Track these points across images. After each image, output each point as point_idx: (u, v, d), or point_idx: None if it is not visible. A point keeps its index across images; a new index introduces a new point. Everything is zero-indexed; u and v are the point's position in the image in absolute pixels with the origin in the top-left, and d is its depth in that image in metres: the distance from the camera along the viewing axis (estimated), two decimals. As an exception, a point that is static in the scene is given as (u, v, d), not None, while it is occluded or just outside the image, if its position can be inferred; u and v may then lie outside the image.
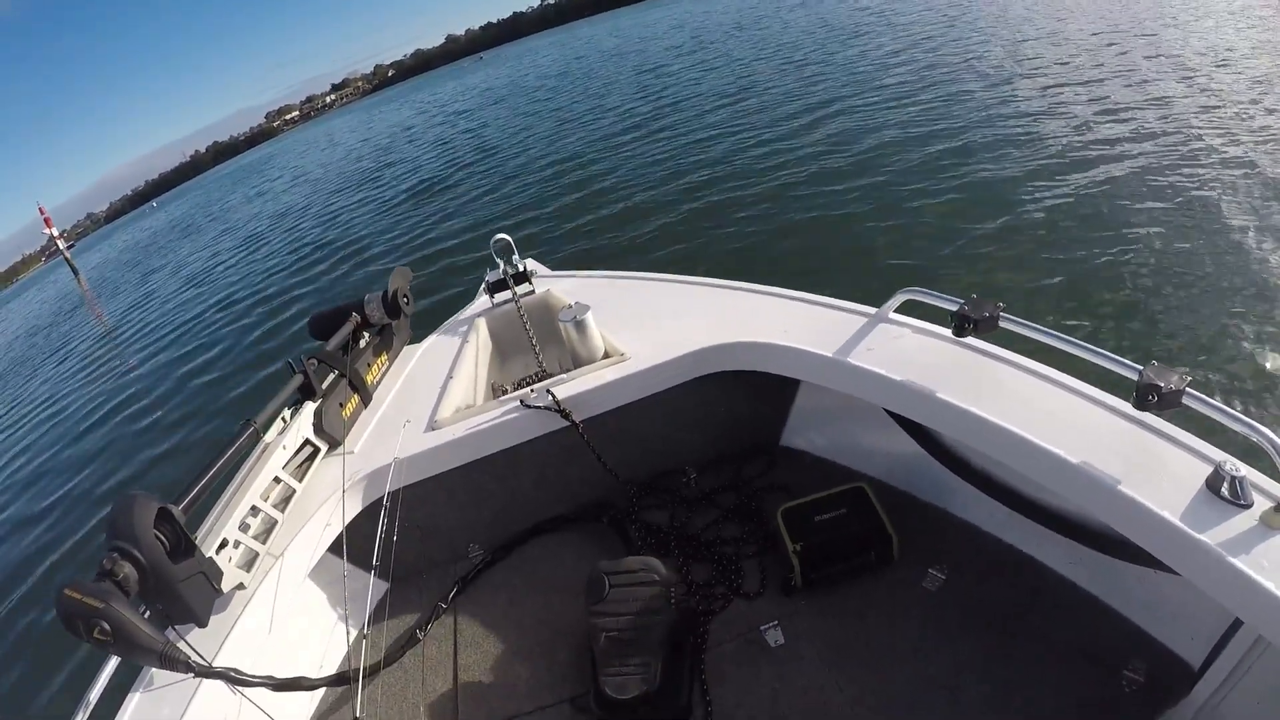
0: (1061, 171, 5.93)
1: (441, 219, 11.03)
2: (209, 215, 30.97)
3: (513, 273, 2.50)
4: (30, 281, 79.25)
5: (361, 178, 19.62)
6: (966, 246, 5.12)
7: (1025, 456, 1.34)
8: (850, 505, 1.74)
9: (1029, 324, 1.39)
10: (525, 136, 16.16)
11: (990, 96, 8.57)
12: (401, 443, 1.90)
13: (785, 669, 1.54)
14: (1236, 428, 1.07)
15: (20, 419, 10.71)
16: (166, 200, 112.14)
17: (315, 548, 1.75)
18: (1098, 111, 7.23)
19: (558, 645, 1.72)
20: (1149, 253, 4.46)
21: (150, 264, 23.29)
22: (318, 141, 51.09)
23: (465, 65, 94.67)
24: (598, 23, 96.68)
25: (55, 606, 1.16)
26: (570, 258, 7.13)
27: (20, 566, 5.63)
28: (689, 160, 9.53)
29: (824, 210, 6.52)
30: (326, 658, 1.80)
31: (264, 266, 12.93)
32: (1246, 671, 1.24)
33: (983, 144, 7.01)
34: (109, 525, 1.30)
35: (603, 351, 2.08)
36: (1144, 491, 1.17)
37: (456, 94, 40.22)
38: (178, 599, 1.33)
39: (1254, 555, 1.04)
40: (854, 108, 9.79)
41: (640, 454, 2.09)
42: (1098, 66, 8.96)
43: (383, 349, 2.32)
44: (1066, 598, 1.55)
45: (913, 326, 1.75)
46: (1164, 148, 6.01)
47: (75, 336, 15.80)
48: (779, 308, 2.02)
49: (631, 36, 38.53)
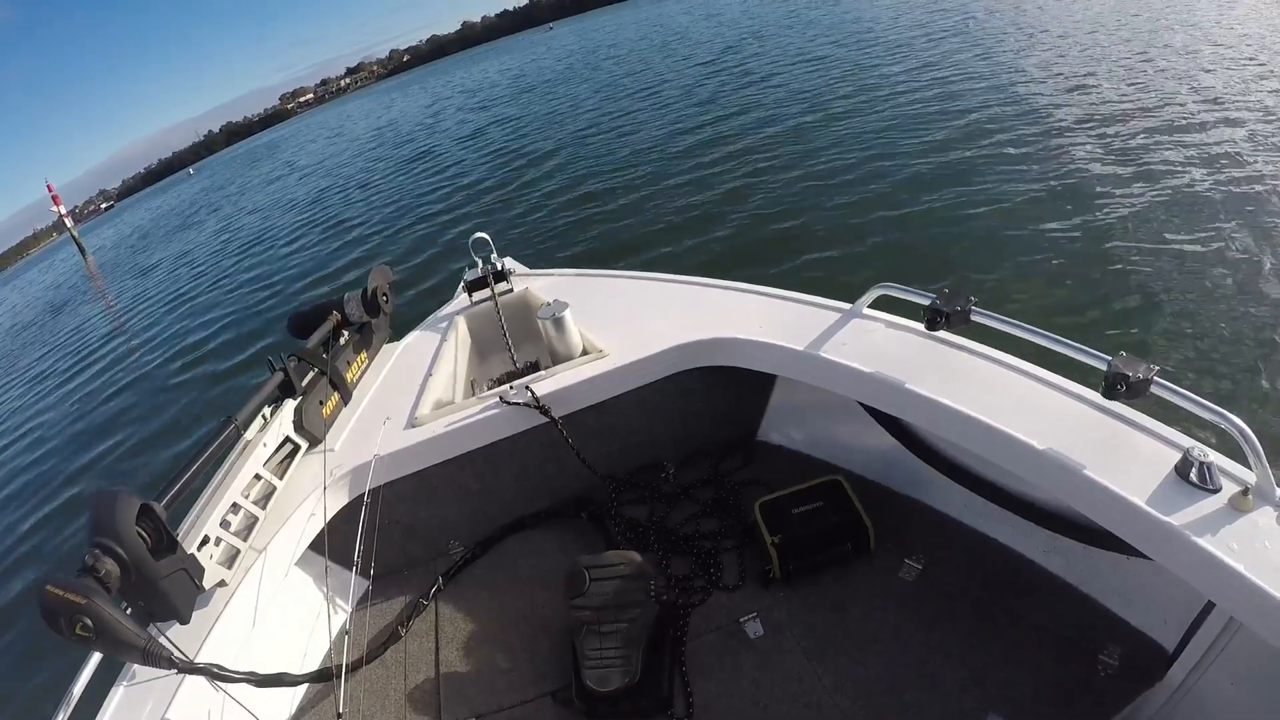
0: (1037, 167, 5.99)
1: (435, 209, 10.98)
2: (224, 195, 30.34)
3: (490, 271, 2.50)
4: (36, 259, 76.90)
5: (380, 161, 19.37)
6: (944, 245, 5.16)
7: (997, 446, 1.37)
8: (827, 498, 1.77)
9: (1000, 317, 1.42)
10: (519, 128, 16.09)
11: (978, 95, 8.63)
12: (382, 440, 1.90)
13: (765, 659, 1.56)
14: (1204, 415, 1.09)
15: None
16: (201, 167, 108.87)
17: (296, 545, 1.75)
18: (1083, 110, 7.30)
19: (539, 639, 1.73)
20: (1125, 247, 4.53)
21: (157, 248, 22.61)
22: (329, 126, 50.45)
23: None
24: (614, 12, 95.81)
25: (37, 602, 1.15)
26: (546, 254, 7.15)
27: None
28: (668, 156, 9.55)
29: (802, 208, 6.56)
30: (308, 654, 1.80)
31: (268, 255, 12.68)
32: (1220, 653, 1.27)
33: (960, 141, 7.07)
34: (91, 522, 1.29)
35: (581, 348, 2.09)
36: (1114, 478, 1.19)
37: (475, 81, 39.87)
38: (160, 596, 1.33)
39: (1223, 538, 1.07)
40: (841, 107, 9.81)
41: (619, 449, 2.11)
42: (1090, 61, 9.08)
43: (362, 347, 2.31)
44: (1041, 585, 1.58)
45: (886, 321, 1.78)
46: (1144, 138, 6.10)
47: (68, 328, 15.34)
48: (755, 304, 2.04)
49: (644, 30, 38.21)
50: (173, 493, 1.46)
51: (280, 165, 33.10)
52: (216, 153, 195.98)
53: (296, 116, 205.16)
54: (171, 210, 37.07)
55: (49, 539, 5.64)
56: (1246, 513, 1.09)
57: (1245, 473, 1.15)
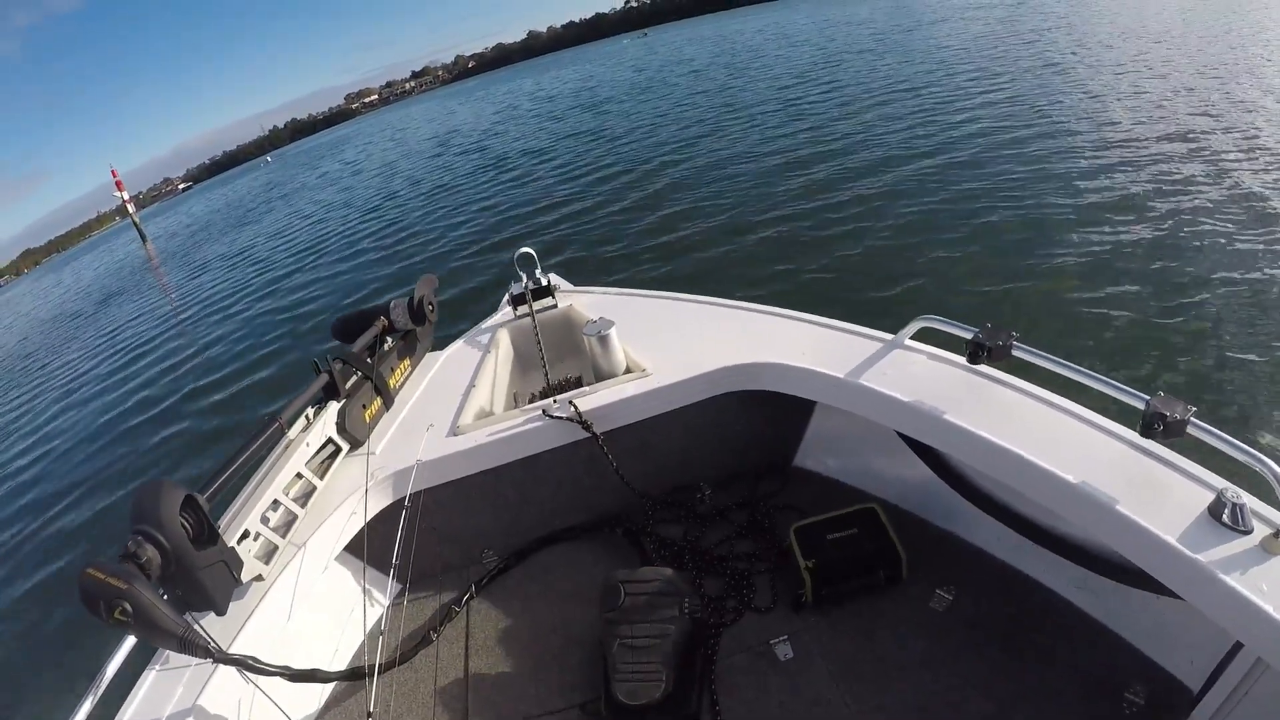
0: (1087, 213, 5.94)
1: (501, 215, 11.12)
2: (282, 193, 30.88)
3: (534, 287, 2.56)
4: (98, 241, 78.01)
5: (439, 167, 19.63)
6: (987, 278, 5.16)
7: (1033, 480, 1.38)
8: (861, 525, 1.77)
9: (1041, 353, 1.44)
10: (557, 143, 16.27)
11: (1032, 134, 8.56)
12: (424, 446, 1.94)
13: (793, 682, 1.56)
14: (1239, 456, 1.10)
15: (40, 401, 10.78)
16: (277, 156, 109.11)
17: (334, 544, 1.79)
18: (1139, 149, 7.23)
19: (569, 651, 1.75)
20: (1164, 287, 4.50)
21: (219, 239, 22.97)
22: (396, 124, 51.56)
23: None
24: (683, 27, 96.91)
25: (78, 585, 1.17)
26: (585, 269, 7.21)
27: (35, 549, 5.69)
28: (718, 182, 9.60)
29: (849, 235, 6.59)
30: (339, 653, 1.83)
31: (326, 259, 12.81)
32: (1245, 695, 1.26)
33: (1012, 182, 7.02)
34: (134, 509, 1.32)
35: (624, 366, 2.12)
36: (1148, 516, 1.20)
37: (537, 88, 40.55)
38: (198, 586, 1.35)
39: (1253, 579, 1.07)
40: (891, 136, 9.83)
41: (657, 468, 2.13)
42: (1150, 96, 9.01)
43: (406, 354, 2.36)
44: (1071, 621, 1.58)
45: (927, 353, 1.80)
46: (1210, 181, 6.03)
47: (124, 316, 15.64)
48: (798, 330, 2.07)
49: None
50: (215, 485, 1.49)
51: (339, 165, 33.77)
52: (281, 148, 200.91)
53: (360, 116, 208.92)
54: (235, 202, 37.67)
55: (86, 529, 5.77)
56: (1278, 555, 1.10)
57: (1278, 515, 1.15)
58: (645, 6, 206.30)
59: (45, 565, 5.34)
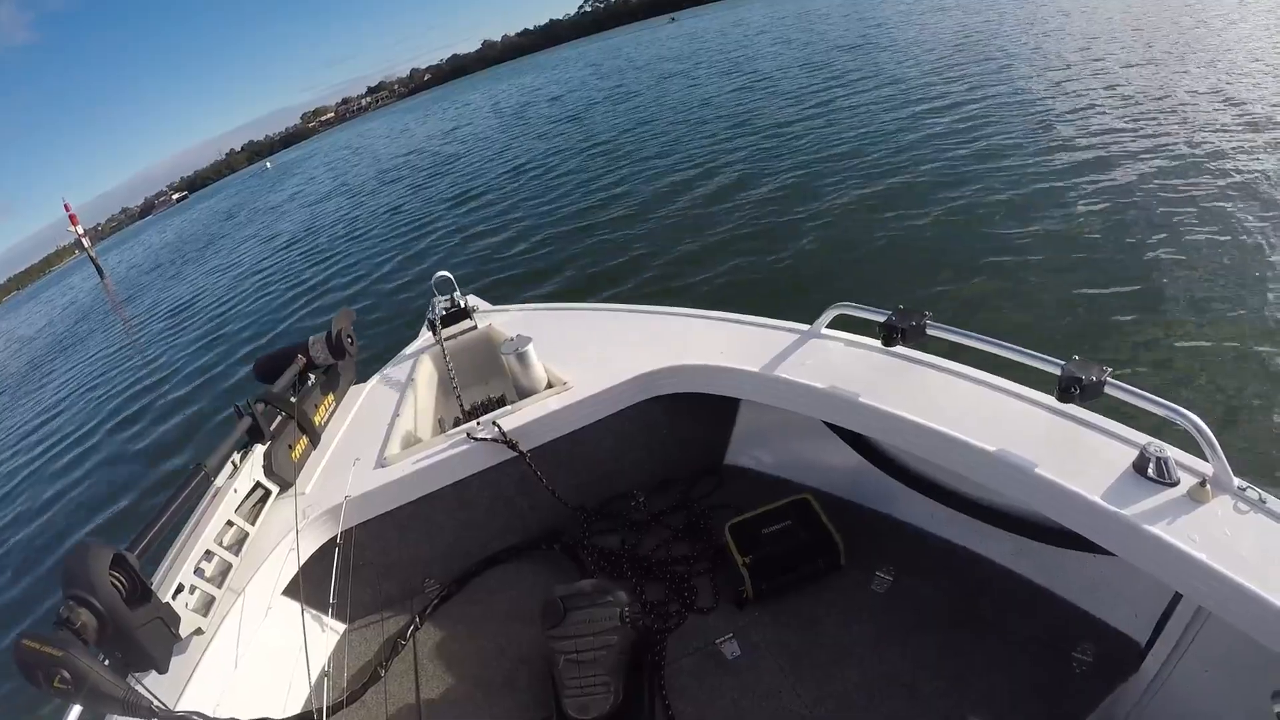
0: (994, 179, 6.20)
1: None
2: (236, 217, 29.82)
3: (452, 309, 2.56)
4: (58, 276, 74.40)
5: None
6: (901, 262, 5.29)
7: (958, 455, 1.41)
8: (796, 516, 1.79)
9: (955, 329, 1.46)
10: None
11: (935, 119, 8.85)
12: (352, 481, 1.90)
13: (744, 679, 1.57)
14: (1158, 411, 1.13)
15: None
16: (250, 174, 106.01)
17: (272, 590, 1.74)
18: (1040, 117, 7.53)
19: (519, 672, 1.73)
20: (1075, 253, 4.68)
21: (182, 266, 22.02)
22: (349, 144, 50.71)
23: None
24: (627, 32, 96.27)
25: (13, 657, 1.14)
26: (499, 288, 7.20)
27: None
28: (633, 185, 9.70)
29: (756, 231, 6.69)
30: (288, 699, 1.77)
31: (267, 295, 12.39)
32: (1191, 642, 1.30)
33: (908, 160, 7.30)
34: (64, 574, 1.28)
35: (545, 381, 2.11)
36: (1074, 478, 1.23)
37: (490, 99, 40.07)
38: (136, 645, 1.32)
39: (1184, 529, 1.10)
40: (790, 130, 10.09)
41: (589, 480, 2.12)
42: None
43: (329, 389, 2.31)
44: (1012, 588, 1.62)
45: (845, 340, 1.83)
46: (1108, 142, 6.34)
47: (68, 364, 14.79)
48: (716, 330, 2.08)
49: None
50: (145, 541, 1.44)
51: (298, 182, 32.89)
52: (237, 170, 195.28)
53: (316, 135, 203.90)
54: (190, 233, 36.29)
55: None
56: (1205, 503, 1.13)
57: (1202, 465, 1.18)
58: (600, 10, 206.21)
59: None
